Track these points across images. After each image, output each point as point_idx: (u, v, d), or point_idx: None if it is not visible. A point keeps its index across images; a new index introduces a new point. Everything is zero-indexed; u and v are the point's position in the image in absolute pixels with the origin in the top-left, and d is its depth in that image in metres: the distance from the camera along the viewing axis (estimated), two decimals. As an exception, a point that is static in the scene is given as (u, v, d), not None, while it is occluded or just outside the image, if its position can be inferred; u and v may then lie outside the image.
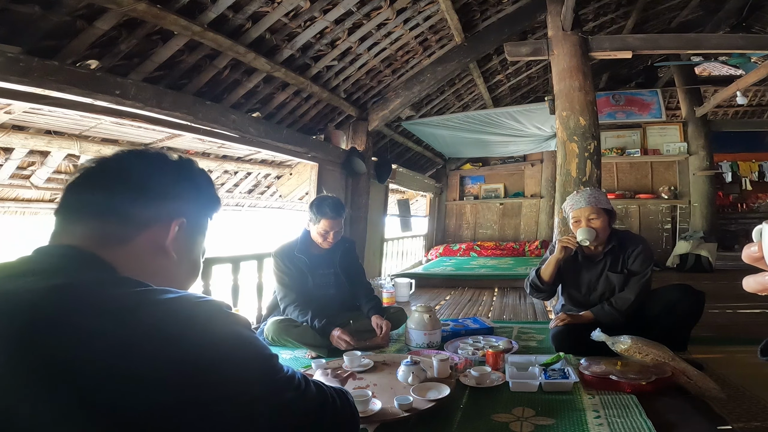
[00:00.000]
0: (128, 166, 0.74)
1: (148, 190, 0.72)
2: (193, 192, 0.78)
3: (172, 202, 0.74)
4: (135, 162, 0.75)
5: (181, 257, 0.75)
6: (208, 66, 2.83)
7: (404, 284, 4.18)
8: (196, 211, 0.79)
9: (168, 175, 0.75)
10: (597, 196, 2.33)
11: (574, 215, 2.35)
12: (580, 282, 2.43)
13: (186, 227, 0.74)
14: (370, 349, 2.42)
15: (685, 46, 3.81)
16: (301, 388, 0.73)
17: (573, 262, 2.43)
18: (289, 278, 2.59)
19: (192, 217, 0.77)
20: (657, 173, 6.92)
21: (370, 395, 1.54)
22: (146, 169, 0.74)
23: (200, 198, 0.80)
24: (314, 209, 2.56)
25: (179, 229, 0.73)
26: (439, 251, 7.44)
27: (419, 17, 3.66)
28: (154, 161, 0.76)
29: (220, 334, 0.61)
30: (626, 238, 2.42)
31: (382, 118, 4.60)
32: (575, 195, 2.38)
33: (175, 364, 0.55)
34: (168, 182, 0.74)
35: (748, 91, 6.66)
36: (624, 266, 2.34)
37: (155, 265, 0.71)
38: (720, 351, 2.36)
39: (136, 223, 0.70)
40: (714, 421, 1.55)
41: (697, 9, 5.72)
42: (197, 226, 0.79)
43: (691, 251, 5.65)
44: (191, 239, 0.78)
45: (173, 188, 0.74)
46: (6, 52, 1.84)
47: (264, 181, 5.45)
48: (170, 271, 0.74)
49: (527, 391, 1.78)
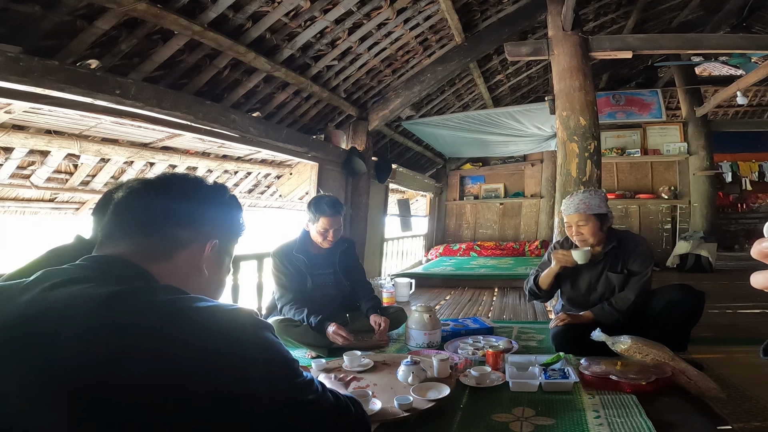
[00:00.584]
0: (172, 189, 0.81)
1: (189, 213, 0.80)
2: (227, 216, 0.87)
3: (209, 224, 0.82)
4: (177, 186, 0.82)
5: (211, 274, 0.83)
6: (208, 66, 2.83)
7: (404, 284, 4.18)
8: (226, 233, 0.86)
9: (206, 199, 0.83)
10: (588, 202, 2.29)
11: (566, 220, 2.37)
12: (580, 282, 2.43)
13: (218, 248, 0.83)
14: (370, 348, 2.42)
15: (685, 46, 3.81)
16: (319, 391, 0.78)
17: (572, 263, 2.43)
18: (286, 278, 2.59)
19: (223, 238, 0.85)
20: (657, 173, 6.92)
21: (370, 395, 1.54)
22: (188, 193, 0.81)
23: (232, 222, 0.88)
24: (312, 208, 2.56)
25: (212, 249, 0.81)
26: (439, 251, 7.44)
27: (419, 17, 3.66)
28: (195, 186, 0.83)
29: (250, 338, 0.68)
30: (626, 238, 2.41)
31: (382, 118, 4.60)
32: (569, 199, 2.37)
33: (211, 361, 0.63)
34: (206, 206, 0.82)
35: (748, 91, 6.66)
36: (624, 266, 2.33)
37: (189, 280, 0.79)
38: (720, 351, 2.36)
39: (176, 242, 0.78)
40: (714, 421, 1.55)
41: (697, 9, 5.72)
42: (226, 247, 0.87)
43: (691, 251, 5.65)
44: (221, 259, 0.86)
45: (210, 212, 0.83)
46: (6, 52, 1.84)
47: (264, 181, 5.45)
48: (201, 286, 0.81)
49: (527, 391, 1.78)
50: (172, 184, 0.82)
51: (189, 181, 0.85)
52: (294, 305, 2.52)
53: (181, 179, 0.85)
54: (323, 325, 2.40)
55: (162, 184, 0.81)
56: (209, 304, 0.68)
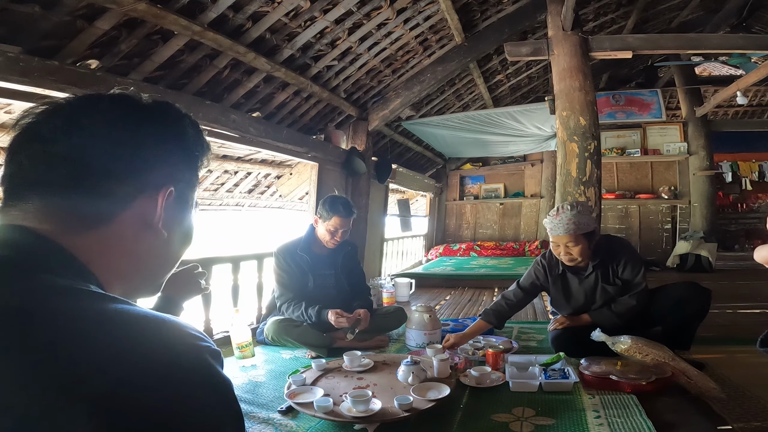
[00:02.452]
0: (95, 120, 0.53)
1: (125, 156, 0.52)
2: (179, 148, 0.58)
3: (159, 166, 0.55)
4: (101, 114, 0.53)
5: (172, 232, 0.58)
6: (208, 66, 2.83)
7: (404, 284, 4.18)
8: (185, 172, 0.59)
9: (145, 128, 0.55)
10: (577, 221, 2.16)
11: (552, 239, 2.26)
12: (574, 295, 2.38)
13: (175, 195, 0.56)
14: (370, 348, 2.42)
15: (685, 46, 3.81)
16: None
17: (562, 280, 2.39)
18: (288, 276, 2.60)
19: (180, 179, 0.58)
20: (657, 173, 6.92)
21: (370, 395, 1.54)
22: (119, 125, 0.53)
23: (188, 152, 0.60)
24: (327, 206, 2.58)
25: (167, 199, 0.55)
26: (439, 251, 7.44)
27: (419, 17, 3.66)
28: (127, 113, 0.55)
29: (192, 370, 0.44)
30: (610, 246, 2.33)
31: (382, 118, 4.60)
32: (554, 218, 2.23)
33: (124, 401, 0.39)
34: (148, 140, 0.55)
35: (748, 91, 6.66)
36: (615, 276, 2.29)
37: (140, 248, 0.55)
38: (720, 351, 2.36)
39: (113, 200, 0.52)
40: (714, 421, 1.55)
41: (697, 9, 5.72)
42: (187, 191, 0.61)
43: (691, 251, 5.65)
44: (182, 208, 0.60)
45: (155, 147, 0.55)
46: (6, 52, 1.84)
47: (264, 181, 5.45)
48: (159, 250, 0.58)
49: (527, 391, 1.78)
50: (91, 112, 0.54)
51: (115, 104, 0.55)
52: (292, 302, 2.53)
53: (102, 102, 0.55)
54: (322, 314, 2.41)
55: (76, 113, 0.53)
56: (131, 311, 0.44)
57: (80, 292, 0.45)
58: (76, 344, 0.40)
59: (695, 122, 6.46)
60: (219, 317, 2.79)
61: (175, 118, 0.59)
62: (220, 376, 0.45)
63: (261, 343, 2.64)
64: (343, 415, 1.51)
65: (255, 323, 3.04)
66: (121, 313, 0.44)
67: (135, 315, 0.44)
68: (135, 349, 0.41)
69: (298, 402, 1.62)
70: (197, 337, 0.46)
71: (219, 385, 0.45)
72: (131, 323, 0.44)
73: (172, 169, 0.57)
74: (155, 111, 0.57)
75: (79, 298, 0.44)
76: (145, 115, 0.56)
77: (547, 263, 2.42)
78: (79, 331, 0.41)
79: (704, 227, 6.18)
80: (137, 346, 0.42)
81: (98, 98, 0.56)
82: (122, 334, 0.42)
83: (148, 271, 0.59)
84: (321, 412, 1.53)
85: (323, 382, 1.85)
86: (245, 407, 1.74)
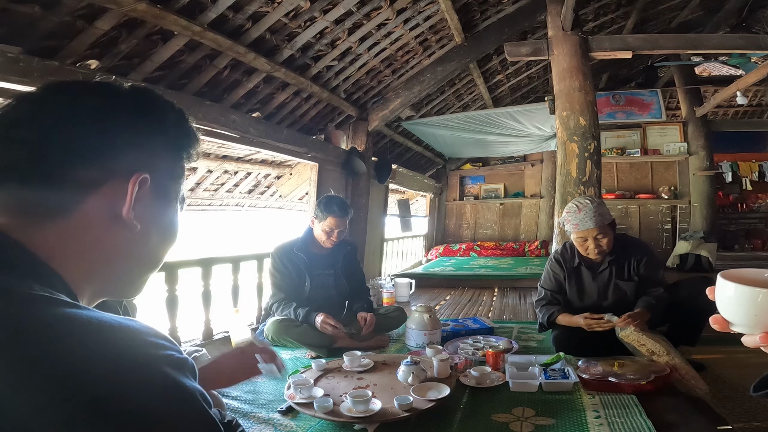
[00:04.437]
0: (56, 104, 0.50)
1: (87, 133, 0.49)
2: (157, 132, 0.55)
3: (128, 150, 0.52)
4: (66, 97, 0.51)
5: (148, 225, 0.53)
6: (208, 66, 2.83)
7: (404, 284, 4.18)
8: (163, 159, 0.56)
9: (117, 110, 0.52)
10: (602, 212, 2.18)
11: (580, 234, 2.23)
12: (587, 291, 2.38)
13: (151, 183, 0.52)
14: (370, 348, 2.42)
15: (685, 46, 3.81)
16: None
17: (576, 274, 2.39)
18: (281, 277, 2.60)
19: (158, 168, 0.54)
20: (657, 173, 6.92)
21: (370, 395, 1.54)
22: (82, 106, 0.51)
23: (167, 139, 0.56)
24: (322, 206, 2.58)
25: (141, 187, 0.51)
26: (439, 251, 7.44)
27: (419, 17, 3.66)
28: (95, 95, 0.53)
29: (151, 380, 0.40)
30: (628, 243, 2.37)
31: (382, 118, 4.60)
32: (577, 213, 2.20)
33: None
34: (118, 121, 0.52)
35: (748, 91, 6.65)
36: (630, 273, 2.29)
37: (108, 242, 0.51)
38: (720, 351, 2.36)
39: (74, 187, 0.48)
40: (714, 421, 1.55)
41: (697, 9, 5.71)
42: (168, 179, 0.56)
43: (691, 251, 5.65)
44: (161, 198, 0.55)
45: (125, 130, 0.52)
46: (6, 52, 1.84)
47: (264, 181, 5.45)
48: (132, 246, 0.53)
49: (527, 391, 1.78)
50: (59, 97, 0.51)
51: (86, 88, 0.54)
52: (283, 302, 2.53)
53: (72, 87, 0.53)
54: (310, 317, 2.41)
55: (43, 98, 0.50)
56: (77, 317, 0.40)
57: (20, 295, 0.40)
58: (6, 357, 0.35)
59: (695, 122, 6.46)
60: (219, 317, 2.79)
61: (151, 102, 0.55)
62: (181, 388, 0.41)
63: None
64: (343, 415, 1.51)
65: (255, 323, 3.04)
66: (64, 320, 0.39)
67: (81, 322, 0.39)
68: (73, 363, 0.36)
69: (298, 402, 1.62)
70: (156, 345, 0.42)
71: (180, 400, 0.41)
72: (74, 333, 0.38)
73: (147, 155, 0.53)
74: (129, 94, 0.54)
75: (15, 302, 0.39)
76: (118, 98, 0.53)
77: (561, 257, 2.42)
78: (10, 342, 0.36)
79: (704, 227, 6.18)
80: (77, 360, 0.37)
81: (69, 84, 0.53)
82: (59, 346, 0.37)
83: (121, 269, 0.54)
84: (321, 412, 1.54)
85: (323, 382, 1.85)
86: (245, 407, 1.74)
